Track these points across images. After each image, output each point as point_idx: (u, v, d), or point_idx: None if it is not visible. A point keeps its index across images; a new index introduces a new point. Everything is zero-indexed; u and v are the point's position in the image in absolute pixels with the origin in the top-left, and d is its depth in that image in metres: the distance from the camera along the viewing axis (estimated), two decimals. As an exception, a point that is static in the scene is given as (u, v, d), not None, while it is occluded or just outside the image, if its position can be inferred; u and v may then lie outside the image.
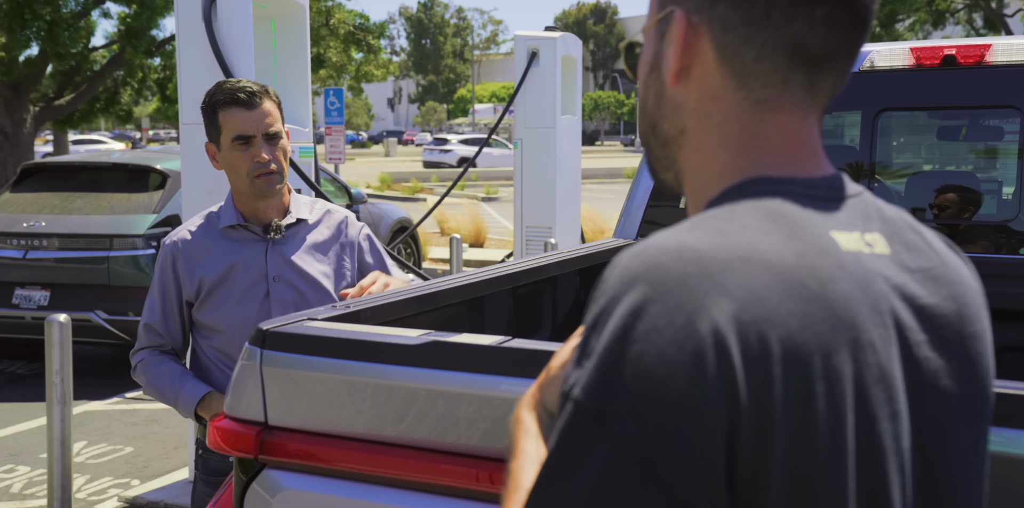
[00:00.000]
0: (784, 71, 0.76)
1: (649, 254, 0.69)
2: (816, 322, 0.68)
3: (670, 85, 0.79)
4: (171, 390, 2.18)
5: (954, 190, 3.00)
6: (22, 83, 11.26)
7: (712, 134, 0.78)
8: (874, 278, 0.73)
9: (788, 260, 0.69)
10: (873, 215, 0.79)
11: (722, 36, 0.76)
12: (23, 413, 5.67)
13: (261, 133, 2.14)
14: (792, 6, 0.74)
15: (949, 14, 20.51)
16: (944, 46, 2.77)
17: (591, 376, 0.66)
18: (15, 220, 6.48)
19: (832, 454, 0.67)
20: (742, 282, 0.66)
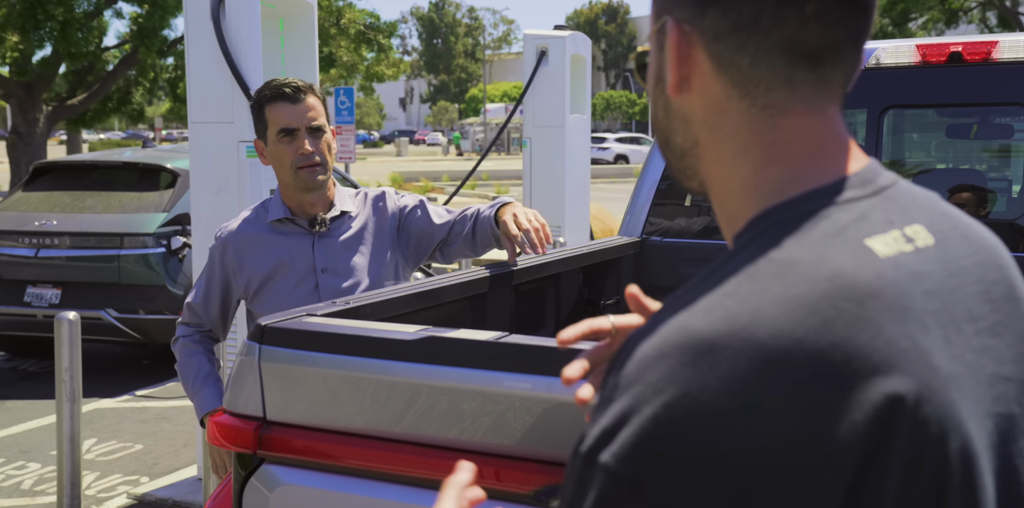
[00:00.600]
0: (784, 72, 0.73)
1: (668, 344, 0.66)
2: (864, 343, 0.64)
3: (673, 97, 0.78)
4: (192, 386, 2.29)
5: (963, 188, 2.99)
6: (35, 83, 11.34)
7: (726, 145, 0.76)
8: (919, 280, 0.70)
9: (821, 288, 0.65)
10: (911, 204, 0.76)
11: (715, 45, 0.74)
12: (34, 410, 5.71)
13: (305, 126, 2.21)
14: (780, 6, 0.72)
15: (963, 13, 20.40)
16: (950, 43, 2.76)
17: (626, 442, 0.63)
18: (27, 219, 6.52)
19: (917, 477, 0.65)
20: (775, 324, 0.64)
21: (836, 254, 0.68)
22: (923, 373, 0.66)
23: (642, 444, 0.62)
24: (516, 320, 2.35)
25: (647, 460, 0.61)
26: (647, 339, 0.66)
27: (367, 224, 2.30)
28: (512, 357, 1.35)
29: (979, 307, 0.74)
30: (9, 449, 5.04)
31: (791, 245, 0.69)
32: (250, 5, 3.85)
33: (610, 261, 2.87)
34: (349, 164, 13.04)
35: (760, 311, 0.64)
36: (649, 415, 0.62)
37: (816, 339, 0.63)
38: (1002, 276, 0.78)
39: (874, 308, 0.66)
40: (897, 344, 0.65)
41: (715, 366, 0.62)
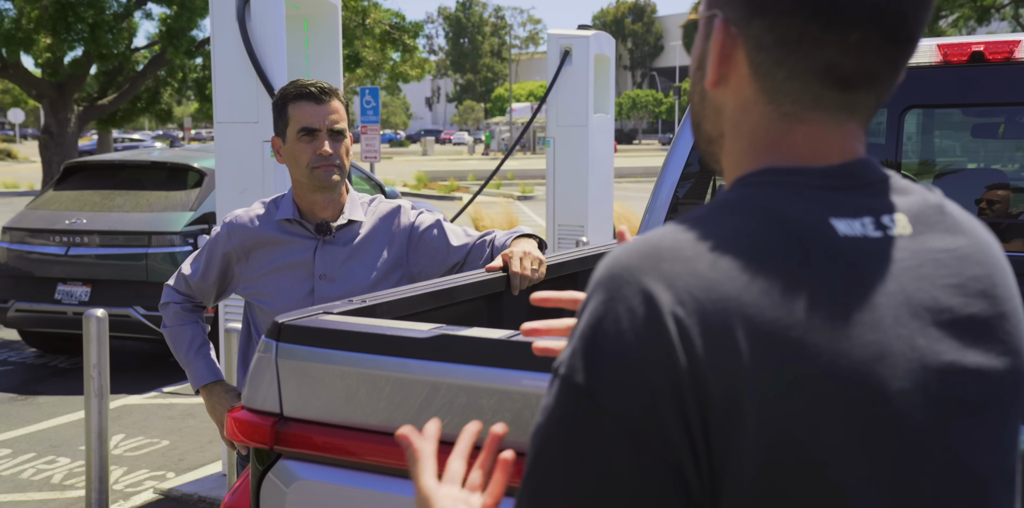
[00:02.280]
0: (816, 91, 0.76)
1: (631, 248, 0.72)
2: (790, 300, 0.69)
3: (709, 89, 0.81)
4: (185, 356, 2.36)
5: (986, 188, 2.96)
6: (67, 84, 11.50)
7: (741, 141, 0.80)
8: (877, 260, 0.74)
9: (773, 239, 0.71)
10: (899, 197, 0.79)
11: (756, 54, 0.77)
12: (64, 406, 5.81)
13: (327, 128, 2.22)
14: (826, 31, 0.74)
15: (994, 10, 20.13)
16: (972, 42, 2.73)
17: (571, 354, 0.71)
18: (58, 217, 6.62)
19: (812, 432, 0.68)
20: (713, 264, 0.69)
21: (798, 217, 0.73)
22: (849, 344, 0.70)
23: (586, 353, 0.69)
24: (533, 319, 2.36)
25: (589, 366, 0.69)
26: (608, 261, 0.73)
27: (374, 235, 2.29)
28: (525, 355, 1.37)
29: (949, 299, 0.76)
30: (40, 444, 5.13)
31: (759, 200, 0.75)
32: (275, 6, 3.90)
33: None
34: (374, 163, 13.11)
35: (709, 232, 0.71)
36: (593, 326, 0.70)
37: (751, 280, 0.69)
38: (984, 274, 0.80)
39: (816, 270, 0.71)
40: (833, 313, 0.70)
41: (664, 269, 0.70)
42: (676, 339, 0.67)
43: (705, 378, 0.67)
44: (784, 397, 0.68)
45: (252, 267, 2.29)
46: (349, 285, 2.23)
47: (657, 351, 0.67)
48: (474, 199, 7.52)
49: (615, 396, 0.68)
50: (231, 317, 4.21)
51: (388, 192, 8.83)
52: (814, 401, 0.68)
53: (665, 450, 0.67)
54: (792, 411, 0.68)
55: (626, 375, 0.67)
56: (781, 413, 0.67)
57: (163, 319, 2.41)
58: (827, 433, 0.68)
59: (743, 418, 0.67)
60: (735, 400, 0.67)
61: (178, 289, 2.40)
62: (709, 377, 0.67)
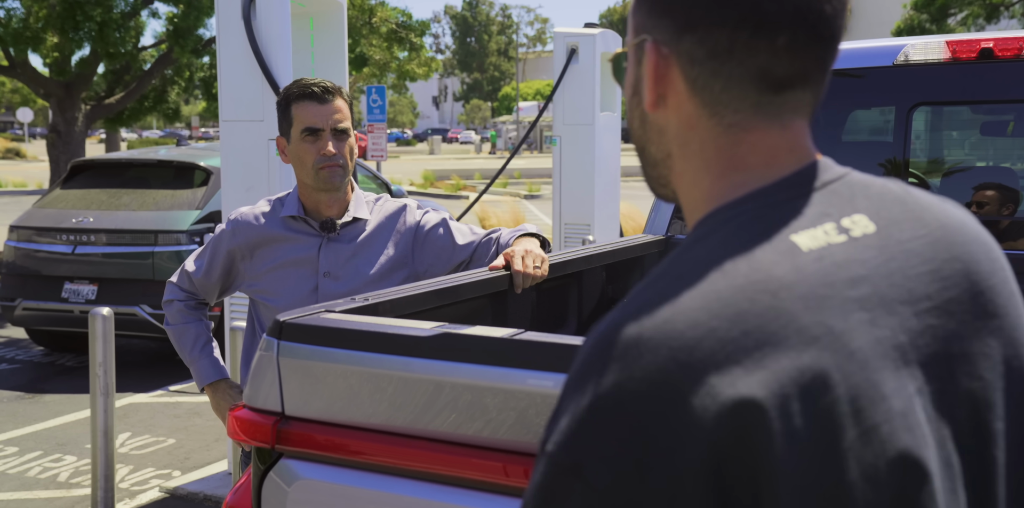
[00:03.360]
0: (753, 96, 0.78)
1: (617, 337, 0.70)
2: (774, 331, 0.68)
3: (649, 111, 0.82)
4: (190, 354, 2.37)
5: (992, 187, 2.94)
6: (74, 83, 11.53)
7: (693, 160, 0.81)
8: (842, 269, 0.73)
9: (738, 282, 0.70)
10: (858, 194, 0.79)
11: (690, 69, 0.78)
12: (71, 404, 5.82)
13: (330, 127, 2.21)
14: (753, 38, 0.76)
15: (1004, 7, 20.03)
16: (981, 39, 2.71)
17: (565, 431, 0.68)
18: (65, 216, 6.64)
19: (830, 453, 0.66)
20: (691, 319, 0.68)
21: (758, 252, 0.72)
22: (836, 357, 0.69)
23: (577, 432, 0.67)
24: (537, 318, 2.35)
25: (582, 445, 0.66)
26: (591, 337, 0.72)
27: (379, 234, 2.29)
28: (527, 354, 1.36)
29: (925, 287, 0.76)
30: (47, 442, 5.14)
31: (719, 246, 0.74)
32: (280, 4, 3.89)
33: (634, 259, 2.87)
34: (381, 162, 13.11)
35: (681, 305, 0.69)
36: (584, 405, 0.67)
37: (728, 328, 0.67)
38: (960, 253, 0.80)
39: (787, 299, 0.70)
40: (808, 331, 0.69)
41: (639, 358, 0.67)
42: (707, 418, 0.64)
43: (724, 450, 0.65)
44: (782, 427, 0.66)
45: (256, 264, 2.29)
46: (353, 283, 2.22)
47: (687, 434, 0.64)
48: (480, 198, 7.51)
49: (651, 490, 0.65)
50: (236, 315, 4.21)
51: (395, 191, 8.83)
52: (816, 426, 0.67)
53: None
54: (789, 439, 0.66)
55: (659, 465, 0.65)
56: (775, 445, 0.66)
57: (166, 317, 2.41)
58: (833, 454, 0.67)
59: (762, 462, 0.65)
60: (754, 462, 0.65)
61: (181, 286, 2.39)
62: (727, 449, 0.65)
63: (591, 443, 0.66)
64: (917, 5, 20.21)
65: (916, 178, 3.09)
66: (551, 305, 2.48)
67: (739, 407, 0.65)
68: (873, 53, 2.87)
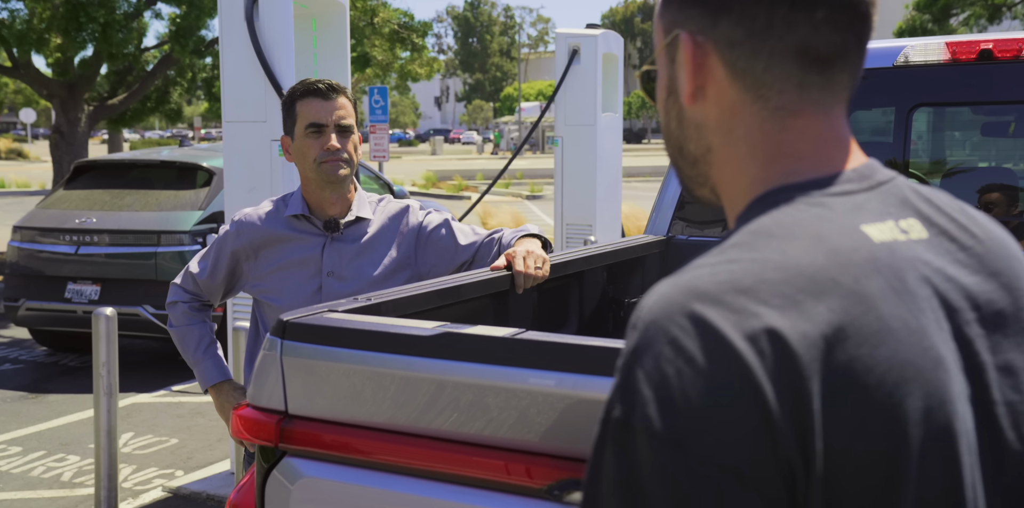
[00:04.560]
0: (797, 76, 0.77)
1: (681, 286, 0.68)
2: (856, 317, 0.67)
3: (688, 106, 0.81)
4: (194, 356, 2.38)
5: (993, 187, 2.95)
6: (77, 83, 11.54)
7: (738, 147, 0.79)
8: (912, 265, 0.73)
9: (819, 261, 0.69)
10: (908, 199, 0.79)
11: (729, 53, 0.77)
12: (74, 404, 5.83)
13: (334, 123, 2.23)
14: (792, 12, 0.75)
15: (1006, 8, 20.01)
16: (981, 40, 2.72)
17: (647, 402, 0.65)
18: (68, 216, 6.65)
19: (885, 446, 0.66)
20: (778, 289, 0.66)
21: (833, 235, 0.71)
22: (911, 352, 0.68)
23: (657, 397, 0.64)
24: (539, 317, 2.36)
25: (671, 415, 0.63)
26: (655, 299, 0.68)
27: (383, 234, 2.30)
28: (529, 353, 1.37)
29: (974, 298, 0.76)
30: (50, 442, 5.16)
31: (790, 222, 0.72)
32: (283, 5, 3.90)
33: (635, 260, 2.88)
34: (383, 163, 13.12)
35: (762, 275, 0.67)
36: (655, 370, 0.64)
37: (813, 304, 0.66)
38: (1004, 267, 0.80)
39: (867, 286, 0.69)
40: (887, 322, 0.68)
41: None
42: (756, 366, 0.63)
43: (790, 405, 0.64)
44: (853, 407, 0.66)
45: (261, 264, 2.30)
46: (357, 283, 2.23)
47: (740, 382, 0.63)
48: (482, 198, 7.52)
49: (707, 440, 0.63)
50: (239, 316, 4.22)
51: (397, 191, 8.84)
52: (881, 411, 0.66)
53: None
54: (857, 419, 0.66)
55: (715, 415, 0.63)
56: (847, 429, 0.65)
57: (170, 318, 2.42)
58: (900, 447, 0.67)
59: (813, 437, 0.65)
60: (809, 420, 0.65)
61: (185, 288, 2.40)
62: (793, 402, 0.64)
63: (678, 410, 0.64)
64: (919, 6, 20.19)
65: (916, 179, 3.10)
66: (552, 305, 2.49)
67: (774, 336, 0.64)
68: (873, 54, 2.88)
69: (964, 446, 0.71)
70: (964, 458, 0.71)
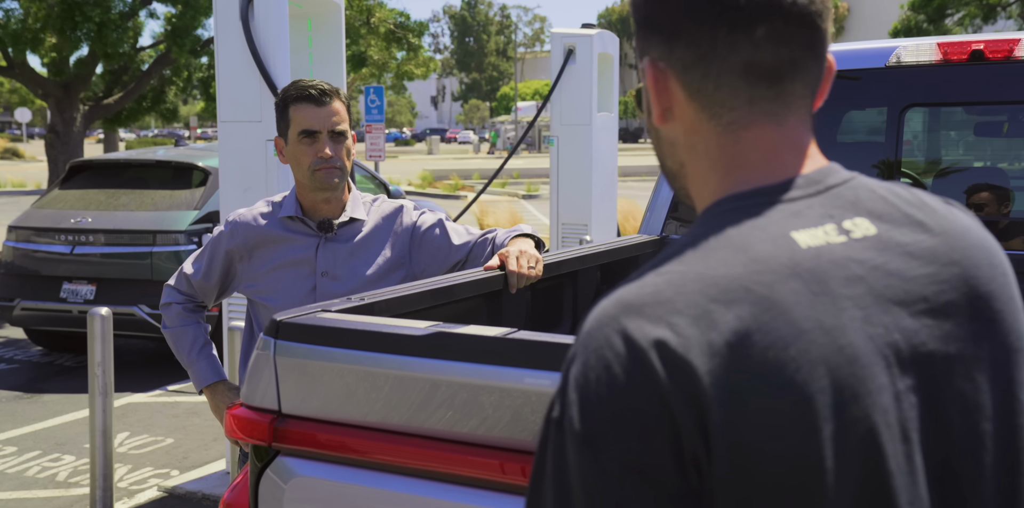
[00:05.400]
0: (745, 91, 0.80)
1: (613, 299, 0.75)
2: (765, 322, 0.71)
3: (659, 127, 0.85)
4: (188, 356, 2.39)
5: (984, 187, 2.96)
6: (72, 83, 11.53)
7: (701, 162, 0.84)
8: (840, 266, 0.76)
9: (735, 271, 0.73)
10: (862, 198, 0.81)
11: (684, 75, 0.81)
12: (70, 404, 5.83)
13: (327, 130, 2.23)
14: (732, 33, 0.79)
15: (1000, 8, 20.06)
16: (972, 41, 2.73)
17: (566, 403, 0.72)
18: (63, 216, 6.65)
19: (796, 442, 0.69)
20: (692, 300, 0.71)
21: (757, 243, 0.75)
22: (823, 351, 0.72)
23: (579, 400, 0.71)
24: (532, 317, 2.37)
25: (588, 416, 0.70)
26: (595, 311, 0.75)
27: (376, 234, 2.31)
28: (522, 353, 1.38)
29: (922, 289, 0.78)
30: (45, 442, 5.16)
31: (721, 233, 0.77)
32: (278, 5, 3.91)
33: (629, 259, 2.89)
34: (379, 162, 13.11)
35: (682, 287, 0.72)
36: (581, 375, 0.71)
37: (723, 313, 0.71)
38: (960, 257, 0.82)
39: (780, 292, 0.72)
40: (798, 324, 0.71)
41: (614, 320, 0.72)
42: (661, 373, 0.69)
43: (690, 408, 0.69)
44: (759, 407, 0.69)
45: (255, 265, 2.31)
46: (351, 283, 2.24)
47: (644, 387, 0.69)
48: (478, 198, 7.52)
49: (614, 437, 0.69)
50: (234, 316, 4.22)
51: (392, 191, 8.83)
52: (791, 408, 0.69)
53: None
54: (765, 417, 0.69)
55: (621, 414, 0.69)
56: (755, 428, 0.69)
57: (164, 319, 2.42)
58: (809, 442, 0.70)
59: (715, 438, 0.69)
60: (707, 424, 0.69)
61: (179, 289, 2.41)
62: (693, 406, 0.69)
63: (589, 410, 0.71)
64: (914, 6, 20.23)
65: (909, 179, 3.11)
66: (546, 305, 2.49)
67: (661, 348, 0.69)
68: (866, 54, 2.90)
69: (886, 436, 0.73)
70: (887, 448, 0.73)
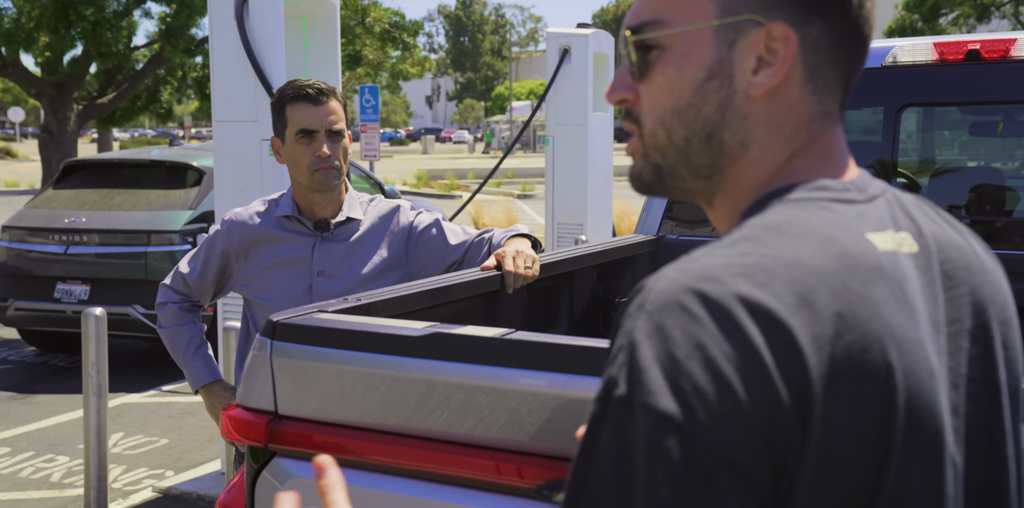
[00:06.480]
0: (841, 90, 0.79)
1: (690, 271, 0.67)
2: (864, 321, 0.67)
3: (754, 97, 0.76)
4: (184, 356, 2.38)
5: (981, 187, 2.97)
6: (66, 82, 11.51)
7: (778, 142, 0.78)
8: (910, 277, 0.73)
9: (829, 263, 0.68)
10: (900, 212, 0.79)
11: (814, 56, 0.76)
12: (64, 405, 5.81)
13: (325, 129, 2.23)
14: (858, 29, 0.77)
15: (994, 8, 20.11)
16: (968, 41, 2.74)
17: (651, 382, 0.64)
18: (57, 216, 6.63)
19: (876, 450, 0.67)
20: (790, 287, 0.66)
21: (842, 238, 0.71)
22: (911, 360, 0.69)
23: (674, 383, 0.63)
24: (529, 317, 2.36)
25: (677, 396, 0.62)
26: (665, 282, 0.67)
27: (373, 234, 2.31)
28: (519, 354, 1.37)
29: (957, 311, 0.77)
30: (39, 442, 5.14)
31: (800, 221, 0.72)
32: (273, 5, 3.90)
33: (626, 259, 2.88)
34: (374, 162, 13.10)
35: (775, 272, 0.66)
36: (664, 353, 0.63)
37: (825, 304, 0.66)
38: (985, 281, 0.81)
39: (875, 292, 0.69)
40: (892, 329, 0.68)
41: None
42: (773, 369, 0.63)
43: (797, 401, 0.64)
44: (854, 412, 0.66)
45: (251, 264, 2.30)
46: (348, 282, 2.24)
47: (754, 382, 0.63)
48: (473, 197, 7.52)
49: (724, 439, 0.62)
50: (230, 315, 4.21)
51: (387, 191, 8.82)
52: (880, 417, 0.67)
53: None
54: (856, 424, 0.66)
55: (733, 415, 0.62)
56: (847, 428, 0.65)
57: (159, 319, 2.41)
58: (887, 446, 0.67)
59: (812, 439, 0.64)
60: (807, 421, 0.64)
61: (175, 288, 2.40)
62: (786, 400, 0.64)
63: (683, 393, 0.63)
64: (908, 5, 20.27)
65: (905, 178, 3.11)
66: (543, 305, 2.49)
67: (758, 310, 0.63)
68: (862, 54, 2.89)
69: (947, 459, 0.71)
70: (947, 472, 0.71)
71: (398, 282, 2.23)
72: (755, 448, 0.62)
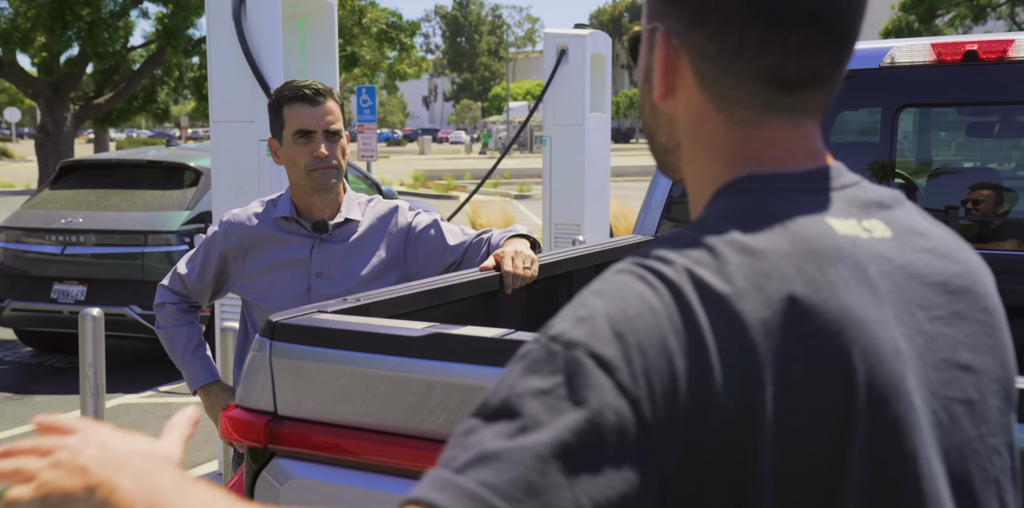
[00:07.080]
0: (764, 95, 0.76)
1: (669, 242, 0.70)
2: (818, 304, 0.67)
3: (659, 102, 0.80)
4: (182, 357, 2.37)
5: (979, 187, 2.97)
6: (63, 83, 11.50)
7: (702, 151, 0.79)
8: (874, 259, 0.74)
9: (783, 247, 0.69)
10: (872, 202, 0.79)
11: (699, 63, 0.77)
12: (60, 405, 5.80)
13: (322, 129, 2.22)
14: (764, 36, 0.74)
15: (990, 9, 20.16)
16: (966, 42, 2.74)
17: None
18: (54, 216, 6.62)
19: (834, 438, 0.67)
20: (742, 272, 0.67)
21: (799, 222, 0.72)
22: (872, 340, 0.69)
23: (609, 329, 0.65)
24: (528, 318, 2.36)
25: (613, 341, 0.64)
26: (622, 262, 0.70)
27: (371, 234, 2.30)
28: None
29: (935, 296, 0.77)
30: (35, 443, 5.13)
31: (757, 209, 0.73)
32: (271, 5, 3.90)
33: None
34: (371, 162, 13.10)
35: (728, 259, 0.68)
36: (618, 310, 0.66)
37: (776, 288, 0.67)
38: (963, 270, 0.81)
39: (832, 274, 0.69)
40: (852, 310, 0.69)
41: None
42: (713, 352, 0.65)
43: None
44: (811, 395, 0.66)
45: (249, 265, 2.30)
46: (346, 283, 2.23)
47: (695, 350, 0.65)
48: (471, 198, 7.52)
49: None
50: (228, 316, 4.21)
51: (385, 191, 8.82)
52: (840, 399, 0.67)
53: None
54: (815, 407, 0.66)
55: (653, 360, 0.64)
56: (804, 411, 0.66)
57: (157, 320, 2.41)
58: (850, 430, 0.67)
59: (763, 413, 0.65)
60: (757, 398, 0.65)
61: (173, 289, 2.40)
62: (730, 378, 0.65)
63: (619, 340, 0.66)
64: (905, 6, 20.31)
65: (902, 179, 3.12)
66: (541, 305, 2.49)
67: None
68: (859, 55, 2.90)
69: (918, 438, 0.71)
70: (919, 451, 0.71)
71: (397, 283, 2.23)
72: (673, 417, 0.63)
